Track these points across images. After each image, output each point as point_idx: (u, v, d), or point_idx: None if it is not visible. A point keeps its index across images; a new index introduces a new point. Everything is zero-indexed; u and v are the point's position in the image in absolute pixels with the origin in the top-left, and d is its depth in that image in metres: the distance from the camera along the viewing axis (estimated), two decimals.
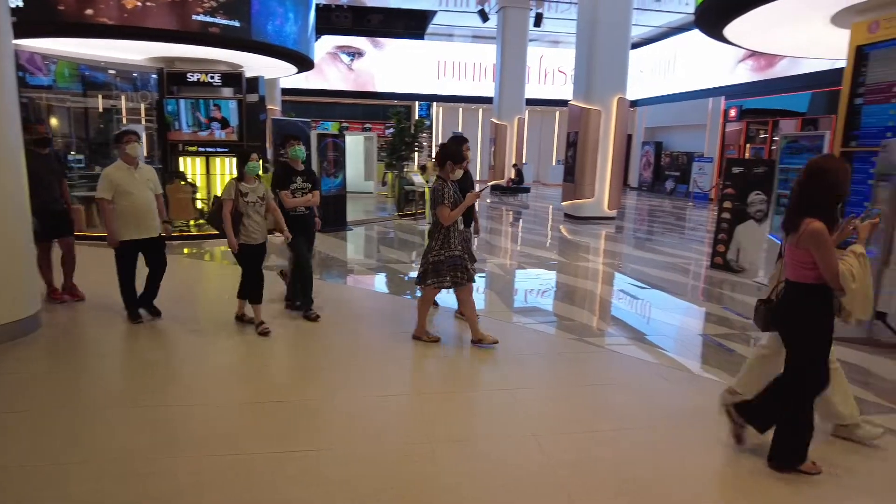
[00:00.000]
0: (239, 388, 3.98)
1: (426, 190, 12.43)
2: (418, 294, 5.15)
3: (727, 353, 4.91)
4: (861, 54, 6.03)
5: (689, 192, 19.63)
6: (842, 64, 6.26)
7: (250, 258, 4.97)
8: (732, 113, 18.59)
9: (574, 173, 13.37)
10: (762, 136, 17.72)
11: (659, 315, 6.10)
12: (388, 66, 24.52)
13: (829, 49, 7.48)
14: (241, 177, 4.89)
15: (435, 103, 25.35)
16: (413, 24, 24.34)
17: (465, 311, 4.89)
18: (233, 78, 10.99)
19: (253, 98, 11.31)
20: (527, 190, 18.77)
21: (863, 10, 5.92)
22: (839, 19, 6.39)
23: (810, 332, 2.90)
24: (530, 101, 21.98)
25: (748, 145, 18.16)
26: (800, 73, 15.53)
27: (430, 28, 24.84)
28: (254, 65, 12.29)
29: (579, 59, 13.42)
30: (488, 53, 23.30)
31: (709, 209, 16.39)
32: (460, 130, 18.91)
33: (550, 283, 7.48)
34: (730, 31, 7.66)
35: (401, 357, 4.57)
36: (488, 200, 17.89)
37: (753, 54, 16.83)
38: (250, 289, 5.00)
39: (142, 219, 5.00)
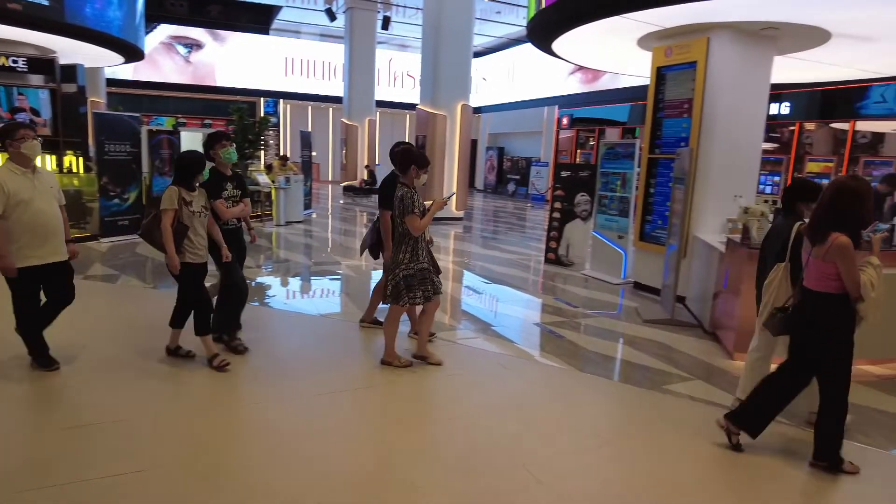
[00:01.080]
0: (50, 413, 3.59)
1: (273, 190, 12.01)
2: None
3: (558, 339, 5.44)
4: (660, 75, 7.00)
5: (529, 193, 21.14)
6: (648, 81, 7.20)
7: (195, 279, 4.27)
8: (565, 121, 20.36)
9: None
10: (591, 142, 19.64)
11: (502, 308, 6.55)
12: (230, 60, 23.22)
13: (639, 68, 8.54)
14: (186, 183, 4.11)
15: (282, 101, 24.50)
16: (257, 18, 23.31)
17: (423, 324, 4.61)
18: (43, 64, 9.75)
19: (70, 88, 10.10)
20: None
21: (660, 37, 6.87)
22: (644, 43, 7.33)
23: (841, 338, 3.08)
24: (381, 103, 22.17)
25: (579, 151, 20.01)
26: (620, 87, 17.39)
27: (276, 23, 23.97)
28: (70, 50, 11.00)
29: (425, 65, 13.84)
30: (337, 53, 23.07)
31: (545, 209, 17.76)
32: (310, 129, 18.50)
33: None
34: (557, 46, 8.41)
35: (258, 364, 4.43)
36: (341, 202, 17.74)
37: (581, 68, 18.55)
38: (199, 315, 4.26)
39: (50, 237, 3.92)
